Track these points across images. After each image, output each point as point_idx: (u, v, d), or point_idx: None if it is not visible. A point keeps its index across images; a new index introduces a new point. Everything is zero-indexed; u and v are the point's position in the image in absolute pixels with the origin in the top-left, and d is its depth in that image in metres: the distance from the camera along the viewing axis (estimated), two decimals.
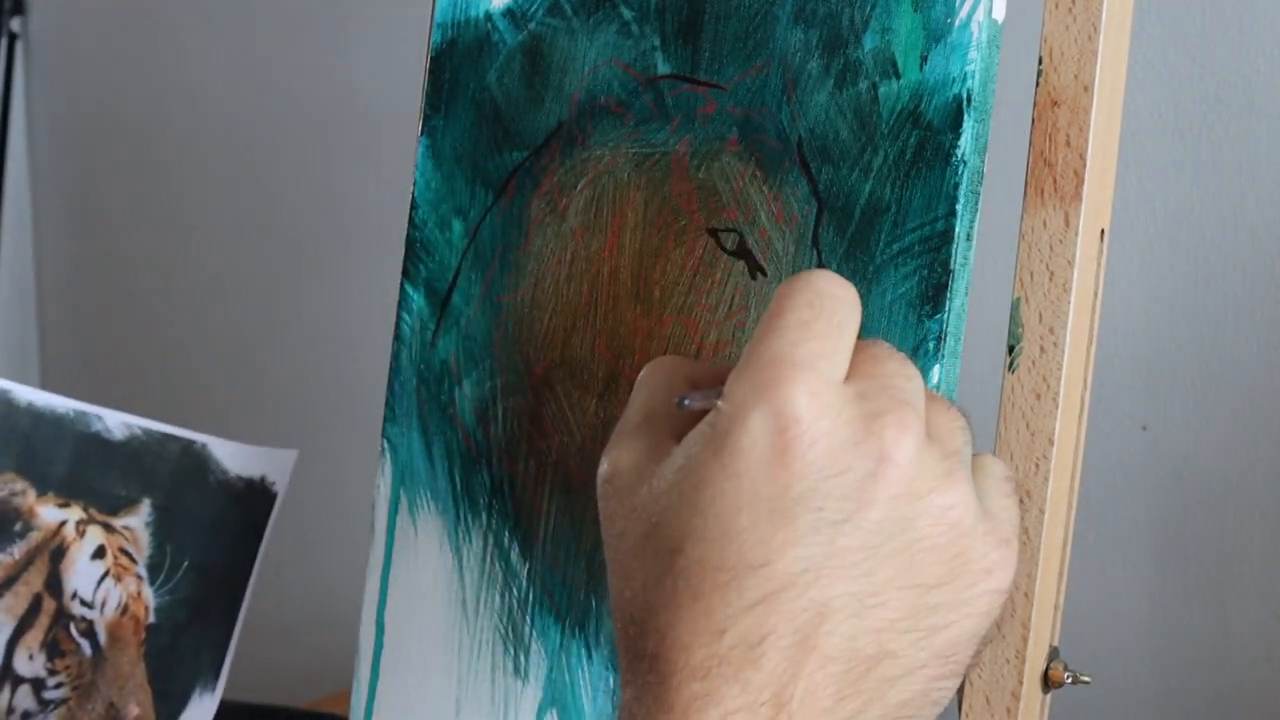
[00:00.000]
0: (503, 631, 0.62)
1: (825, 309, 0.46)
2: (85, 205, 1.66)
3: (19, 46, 1.61)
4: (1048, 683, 0.57)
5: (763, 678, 0.44)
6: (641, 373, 0.51)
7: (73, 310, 1.69)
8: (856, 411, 0.45)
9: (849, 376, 0.46)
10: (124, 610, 0.73)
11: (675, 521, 0.45)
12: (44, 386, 1.68)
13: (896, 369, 0.47)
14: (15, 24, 1.60)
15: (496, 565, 0.63)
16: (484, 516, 0.63)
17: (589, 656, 0.60)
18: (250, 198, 1.51)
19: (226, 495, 0.74)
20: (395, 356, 0.65)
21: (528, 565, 0.62)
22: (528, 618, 0.62)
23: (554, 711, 0.61)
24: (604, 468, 0.49)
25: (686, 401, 0.47)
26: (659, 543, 0.46)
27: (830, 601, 0.44)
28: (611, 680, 0.60)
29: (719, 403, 0.45)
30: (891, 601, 0.45)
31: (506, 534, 0.62)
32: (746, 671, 0.44)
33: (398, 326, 0.65)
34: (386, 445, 0.65)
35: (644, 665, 0.45)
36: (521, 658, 0.62)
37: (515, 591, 0.62)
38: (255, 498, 0.74)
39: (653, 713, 0.44)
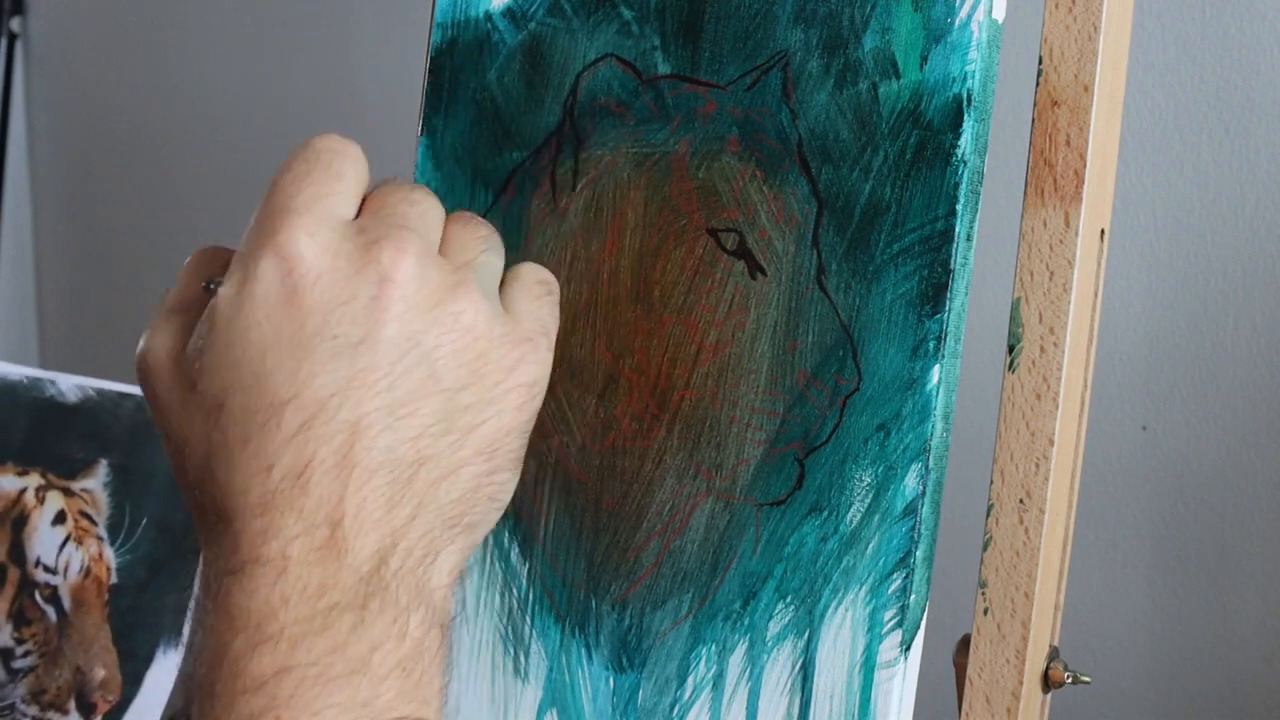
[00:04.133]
0: (503, 632, 0.63)
1: (320, 161, 0.50)
2: (85, 205, 1.66)
3: (19, 46, 1.61)
4: (1048, 683, 0.57)
5: (313, 502, 0.46)
6: (186, 262, 0.54)
7: (73, 310, 1.69)
8: (355, 244, 0.49)
9: (357, 217, 0.50)
10: (86, 573, 0.73)
11: (214, 379, 0.48)
12: None
13: (400, 199, 0.51)
14: (15, 24, 1.60)
15: (496, 565, 0.63)
16: None
17: (589, 656, 0.61)
18: (250, 198, 1.51)
19: None
20: None
21: (528, 565, 0.62)
22: (528, 618, 0.62)
23: (554, 711, 0.61)
24: (139, 353, 0.52)
25: (212, 285, 0.51)
26: (202, 403, 0.48)
27: (361, 419, 0.47)
28: (612, 680, 0.60)
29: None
30: (421, 409, 0.49)
31: (506, 534, 0.62)
32: (299, 500, 0.46)
33: None
34: None
35: (211, 518, 0.48)
36: (521, 658, 0.62)
37: (515, 591, 0.62)
38: None
39: (225, 557, 0.47)
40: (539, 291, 0.54)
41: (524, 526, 0.62)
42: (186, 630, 0.73)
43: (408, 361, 0.48)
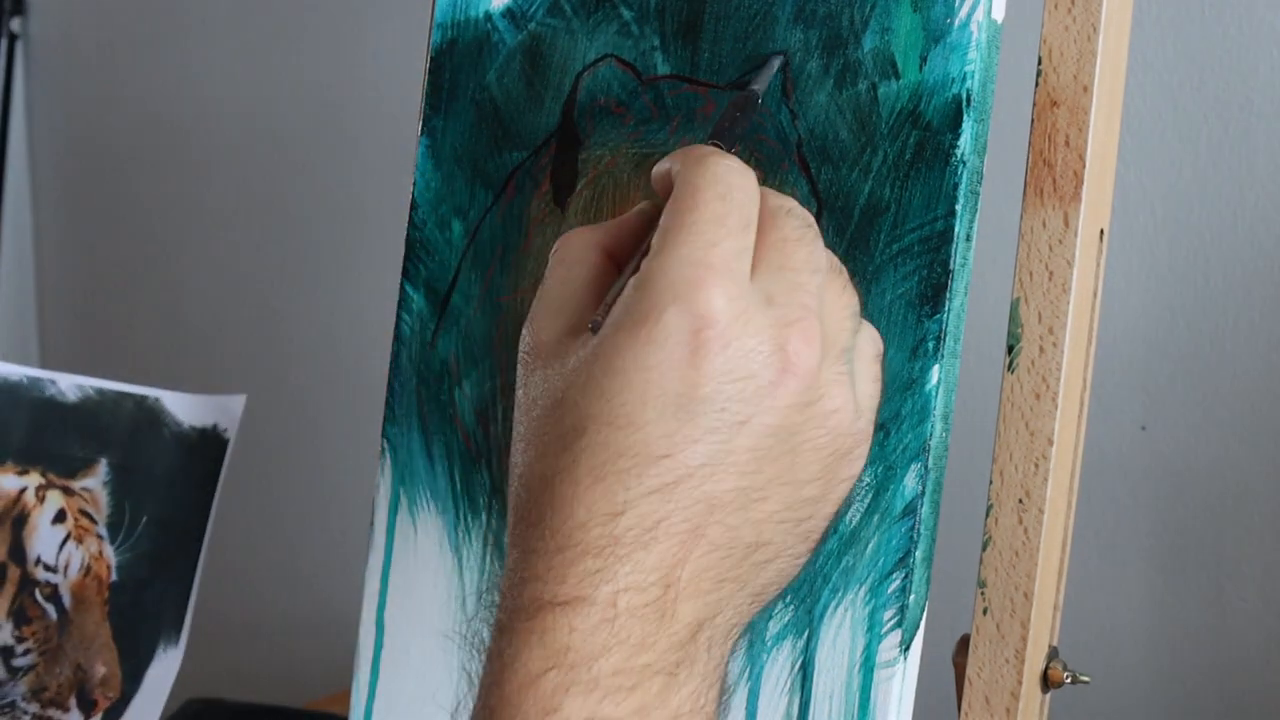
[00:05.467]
0: None
1: (736, 202, 0.48)
2: (86, 205, 1.66)
3: (19, 46, 1.62)
4: (1047, 683, 0.57)
5: (654, 560, 0.46)
6: (556, 247, 0.52)
7: (73, 309, 1.69)
8: (766, 319, 0.47)
9: (757, 262, 0.48)
10: (87, 571, 0.73)
11: (583, 401, 0.47)
12: None
13: (804, 260, 0.49)
14: (15, 24, 1.60)
15: (496, 565, 0.63)
16: (484, 516, 0.63)
17: None
18: (249, 198, 1.51)
19: (181, 446, 0.74)
20: (395, 356, 0.65)
21: None
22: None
23: None
24: (526, 339, 0.51)
25: (597, 319, 0.49)
26: (564, 420, 0.47)
27: (721, 495, 0.47)
28: None
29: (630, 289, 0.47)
30: (772, 496, 0.48)
31: (506, 534, 0.62)
32: (639, 553, 0.46)
33: (397, 327, 0.65)
34: (386, 445, 0.65)
35: (535, 532, 0.47)
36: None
37: None
38: (208, 446, 0.74)
39: (546, 581, 0.46)
40: (876, 371, 0.53)
41: None
42: (187, 626, 0.73)
43: (778, 451, 0.48)
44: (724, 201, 0.48)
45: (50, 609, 0.73)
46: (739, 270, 0.47)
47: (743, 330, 0.47)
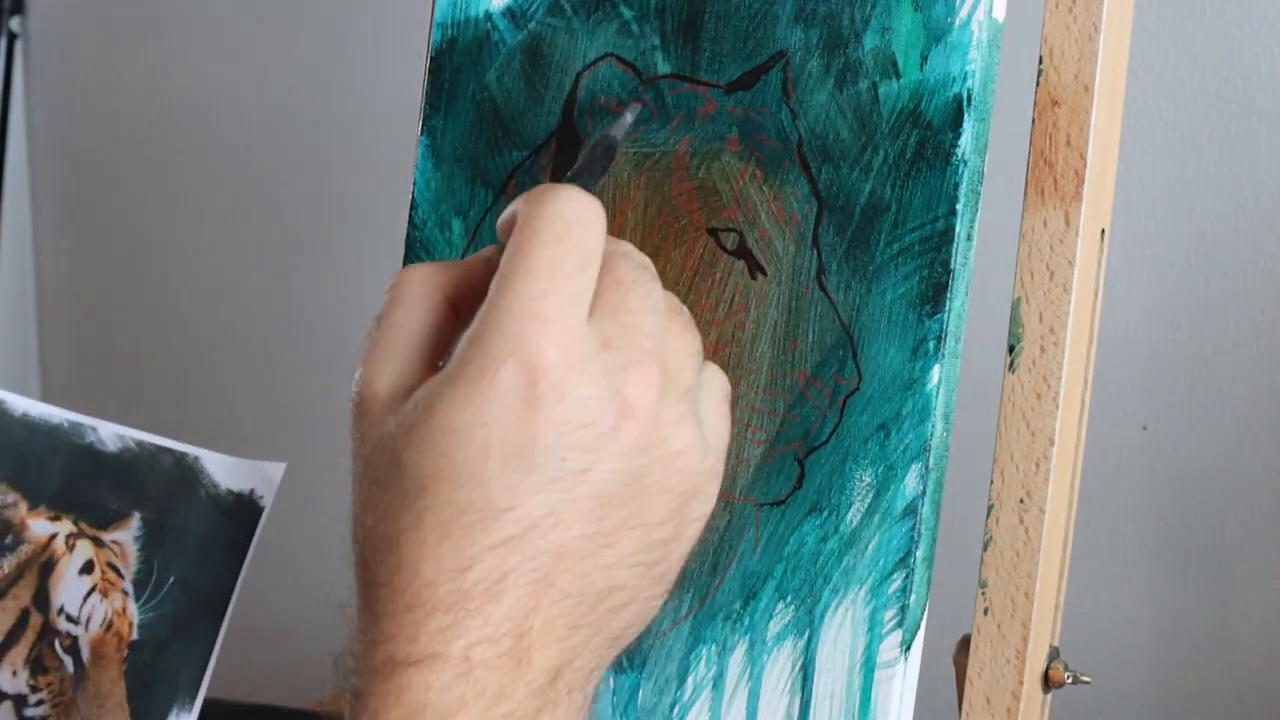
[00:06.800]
0: None
1: (573, 240, 0.47)
2: (85, 205, 1.66)
3: (19, 46, 1.61)
4: (1048, 683, 0.57)
5: (504, 612, 0.46)
6: (394, 282, 0.51)
7: (72, 310, 1.69)
8: (601, 365, 0.47)
9: (594, 306, 0.48)
10: (108, 626, 0.72)
11: (421, 460, 0.47)
12: (42, 383, 1.68)
13: (640, 302, 0.48)
14: (15, 24, 1.60)
15: None
16: None
17: None
18: (250, 197, 1.51)
19: (216, 509, 0.73)
20: None
21: None
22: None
23: None
24: (358, 389, 0.50)
25: (441, 364, 0.49)
26: (404, 479, 0.47)
27: (568, 543, 0.47)
28: (612, 681, 0.60)
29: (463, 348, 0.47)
30: (622, 541, 0.48)
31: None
32: (489, 606, 0.46)
33: None
34: None
35: (384, 593, 0.47)
36: None
37: None
38: (243, 511, 0.74)
39: (397, 641, 0.46)
40: (725, 410, 0.52)
41: None
42: (203, 692, 0.72)
43: (624, 496, 0.48)
44: (560, 243, 0.47)
45: (68, 661, 0.72)
46: (574, 316, 0.47)
47: (579, 379, 0.46)
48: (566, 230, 0.47)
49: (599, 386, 0.47)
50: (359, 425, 0.50)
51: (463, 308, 0.50)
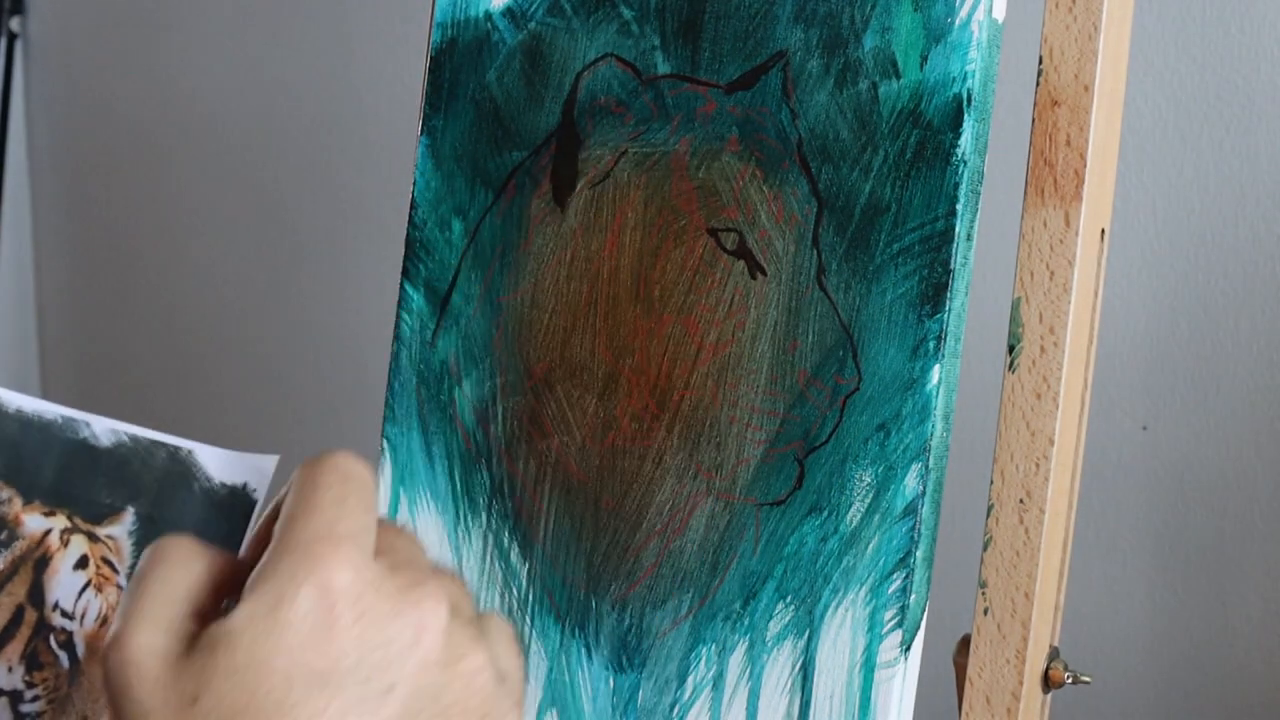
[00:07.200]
0: None
1: (354, 487, 0.50)
2: (85, 204, 1.66)
3: (19, 46, 1.61)
4: (1048, 683, 0.57)
5: None
6: (152, 548, 0.53)
7: (72, 308, 1.69)
8: (393, 585, 0.49)
9: (375, 550, 0.51)
10: (103, 622, 0.72)
11: (224, 701, 0.48)
12: (42, 381, 1.68)
13: (408, 543, 0.52)
14: (15, 24, 1.60)
15: (496, 565, 0.63)
16: (484, 516, 0.63)
17: (589, 656, 0.60)
18: (250, 198, 1.51)
19: (209, 503, 0.74)
20: (395, 356, 0.65)
21: (527, 565, 0.62)
22: (528, 618, 0.62)
23: (554, 711, 0.61)
24: (120, 652, 0.50)
25: (227, 604, 0.50)
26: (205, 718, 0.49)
27: None
28: (612, 680, 0.60)
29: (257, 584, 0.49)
30: None
31: (506, 534, 0.62)
32: None
33: (397, 326, 0.65)
34: (386, 445, 0.65)
35: None
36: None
37: (515, 591, 0.62)
38: (237, 505, 0.74)
39: None
40: (516, 649, 0.55)
41: (523, 526, 0.62)
42: None
43: (427, 714, 0.49)
44: (343, 485, 0.50)
45: (63, 656, 0.72)
46: (364, 544, 0.49)
47: (374, 597, 0.48)
48: (346, 477, 0.50)
49: (394, 603, 0.49)
50: (126, 690, 0.50)
51: (222, 579, 0.52)
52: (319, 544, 0.48)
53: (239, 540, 0.73)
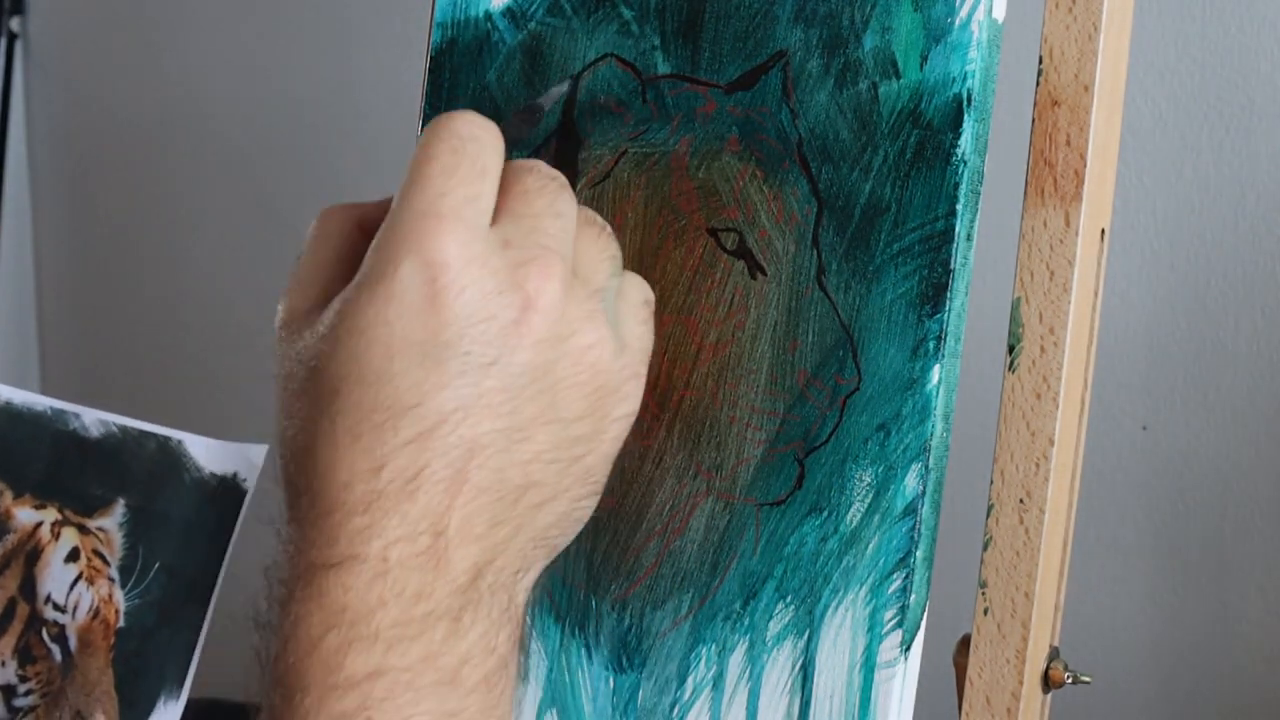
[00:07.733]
0: None
1: (468, 153, 0.49)
2: (85, 205, 1.66)
3: (19, 46, 1.61)
4: (1048, 683, 0.57)
5: (419, 510, 0.46)
6: (314, 222, 0.53)
7: (72, 309, 1.69)
8: (502, 260, 0.48)
9: (498, 214, 0.49)
10: (95, 614, 0.72)
11: (333, 365, 0.48)
12: (43, 379, 1.68)
13: (545, 207, 0.50)
14: (15, 24, 1.60)
15: None
16: None
17: (589, 656, 0.60)
18: (250, 197, 1.51)
19: (200, 493, 0.73)
20: None
21: None
22: (527, 618, 0.62)
23: (554, 711, 0.61)
24: (279, 313, 0.52)
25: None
26: (319, 385, 0.48)
27: (479, 438, 0.47)
28: (611, 680, 0.60)
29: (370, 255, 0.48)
30: (536, 436, 0.49)
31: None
32: (405, 505, 0.46)
33: None
34: None
35: (305, 500, 0.48)
36: (521, 658, 0.62)
37: None
38: (227, 495, 0.74)
39: (317, 545, 0.47)
40: (644, 315, 0.53)
41: None
42: (190, 678, 0.72)
43: (534, 389, 0.48)
44: (455, 154, 0.48)
45: (56, 650, 0.72)
46: (471, 216, 0.48)
47: (478, 272, 0.47)
48: (461, 144, 0.49)
49: (499, 280, 0.48)
50: (279, 348, 0.51)
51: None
52: (424, 219, 0.47)
53: (230, 533, 0.73)
